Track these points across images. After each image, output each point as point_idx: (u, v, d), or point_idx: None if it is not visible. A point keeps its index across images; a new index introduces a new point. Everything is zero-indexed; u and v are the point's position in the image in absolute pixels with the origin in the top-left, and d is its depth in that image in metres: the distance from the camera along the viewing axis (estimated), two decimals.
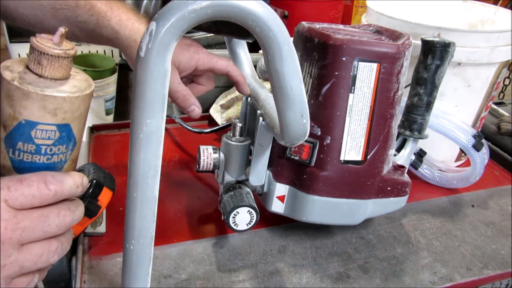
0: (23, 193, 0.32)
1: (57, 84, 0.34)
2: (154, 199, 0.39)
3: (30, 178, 0.33)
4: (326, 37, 0.51)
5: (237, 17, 0.34)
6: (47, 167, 0.35)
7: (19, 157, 0.34)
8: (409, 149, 0.64)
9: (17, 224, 0.32)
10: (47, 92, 0.33)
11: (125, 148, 0.78)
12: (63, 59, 0.34)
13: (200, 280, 0.53)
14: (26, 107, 0.33)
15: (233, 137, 0.56)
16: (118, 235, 0.58)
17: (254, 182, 0.57)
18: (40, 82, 0.33)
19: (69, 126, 0.35)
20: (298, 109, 0.41)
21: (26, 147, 0.34)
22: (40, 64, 0.33)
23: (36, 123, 0.33)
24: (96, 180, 0.47)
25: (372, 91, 0.52)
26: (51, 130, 0.34)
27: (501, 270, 0.58)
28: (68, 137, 0.36)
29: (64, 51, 0.33)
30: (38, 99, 0.33)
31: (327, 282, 0.54)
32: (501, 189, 0.77)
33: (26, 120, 0.33)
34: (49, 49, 0.33)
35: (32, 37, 0.34)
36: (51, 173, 0.34)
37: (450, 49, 0.58)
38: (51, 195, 0.33)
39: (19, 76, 0.33)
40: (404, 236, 0.63)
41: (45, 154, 0.35)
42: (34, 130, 0.34)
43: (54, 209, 0.34)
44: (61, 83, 0.34)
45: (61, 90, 0.34)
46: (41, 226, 0.33)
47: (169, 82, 0.37)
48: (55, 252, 0.35)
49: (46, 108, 0.33)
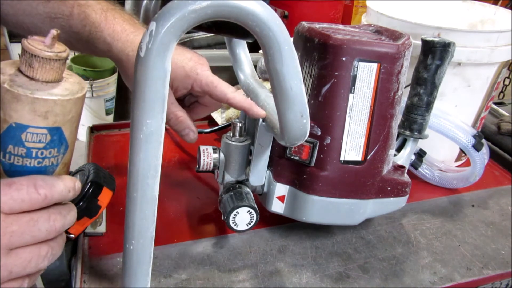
0: (12, 197, 0.32)
1: (49, 87, 0.33)
2: (154, 199, 0.39)
3: (20, 182, 0.32)
4: (326, 37, 0.51)
5: (237, 17, 0.34)
6: (38, 170, 0.35)
7: (9, 160, 0.34)
8: (409, 149, 0.65)
9: (5, 229, 0.31)
10: (37, 95, 0.32)
11: (125, 148, 0.78)
12: (54, 62, 0.33)
13: (200, 280, 0.53)
14: (16, 110, 0.32)
15: (233, 137, 0.56)
16: (118, 235, 0.58)
17: (254, 182, 0.57)
18: (31, 85, 0.33)
19: (60, 130, 0.35)
20: (298, 109, 0.41)
21: (17, 151, 0.34)
22: (31, 67, 0.33)
23: (27, 126, 0.33)
24: (96, 180, 0.47)
25: (372, 91, 0.52)
26: (42, 133, 0.34)
27: (501, 270, 0.58)
28: (59, 141, 0.35)
29: (55, 54, 0.33)
30: (28, 102, 0.32)
31: (327, 282, 0.54)
32: (501, 189, 0.77)
33: (16, 123, 0.33)
34: (40, 51, 0.32)
35: (23, 39, 0.33)
36: (42, 177, 0.34)
37: (450, 49, 0.58)
38: (40, 200, 0.33)
39: (9, 78, 0.33)
40: (404, 236, 0.63)
41: (36, 158, 0.34)
42: (25, 133, 0.33)
43: (44, 214, 0.34)
44: (52, 86, 0.34)
45: (52, 93, 0.33)
46: (30, 230, 0.33)
47: None
48: (45, 257, 0.34)
49: (36, 111, 0.33)
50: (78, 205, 0.45)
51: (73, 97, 0.34)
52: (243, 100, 0.51)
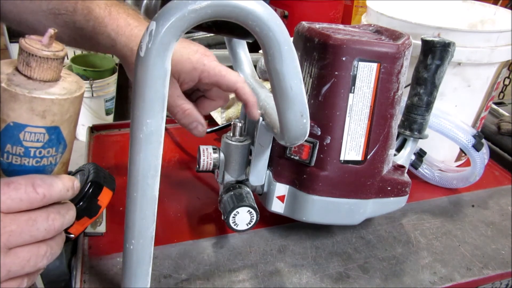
0: (10, 196, 0.32)
1: (46, 86, 0.33)
2: (154, 199, 0.39)
3: (18, 181, 0.32)
4: (326, 37, 0.51)
5: (237, 17, 0.34)
6: (37, 170, 0.35)
7: (7, 159, 0.34)
8: (409, 149, 0.65)
9: (4, 228, 0.31)
10: (35, 94, 0.32)
11: (125, 148, 0.78)
12: (52, 61, 0.33)
13: (200, 280, 0.53)
14: (14, 109, 0.32)
15: (233, 137, 0.56)
16: (118, 235, 0.57)
17: (254, 182, 0.57)
18: (29, 84, 0.33)
19: (58, 129, 0.35)
20: (298, 109, 0.41)
21: (15, 150, 0.34)
22: (28, 66, 0.33)
23: (25, 126, 0.33)
24: (96, 180, 0.47)
25: (372, 91, 0.52)
26: (40, 132, 0.34)
27: (501, 270, 0.58)
28: (57, 140, 0.35)
29: (53, 53, 0.33)
30: (26, 101, 0.32)
31: (327, 282, 0.54)
32: (501, 189, 0.77)
33: (14, 123, 0.33)
34: (37, 50, 0.32)
35: (21, 38, 0.33)
36: (40, 176, 0.34)
37: (450, 49, 0.58)
38: (39, 199, 0.33)
39: (7, 77, 0.33)
40: (404, 236, 0.63)
41: (34, 157, 0.34)
42: (23, 132, 0.33)
43: (43, 213, 0.34)
44: (50, 85, 0.34)
45: (50, 92, 0.33)
46: (29, 230, 0.33)
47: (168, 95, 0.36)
48: (44, 257, 0.34)
49: (34, 110, 0.33)
50: (78, 205, 0.45)
51: (71, 96, 0.34)
52: (250, 94, 0.50)
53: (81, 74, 2.08)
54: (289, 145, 0.52)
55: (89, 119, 2.09)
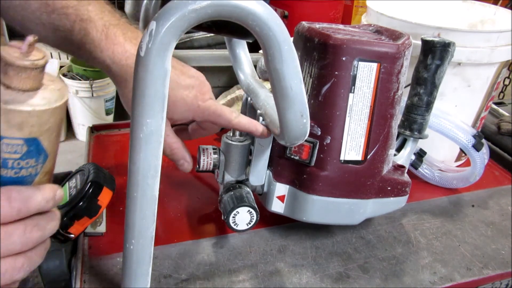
0: None
1: (25, 96, 0.32)
2: (154, 199, 0.39)
3: None
4: (326, 37, 0.51)
5: (237, 17, 0.34)
6: (15, 181, 0.34)
7: None
8: (409, 149, 0.65)
9: None
10: (10, 106, 0.31)
11: (125, 148, 0.78)
12: (31, 70, 0.31)
13: (200, 280, 0.53)
14: None
15: (233, 137, 0.56)
16: (118, 235, 0.57)
17: (254, 182, 0.57)
18: (6, 94, 0.31)
19: (37, 140, 0.33)
20: (298, 109, 0.41)
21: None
22: (6, 75, 0.31)
23: (1, 137, 0.31)
24: (96, 180, 0.47)
25: (372, 91, 0.52)
26: (18, 144, 0.32)
27: (501, 270, 0.58)
28: (37, 151, 0.34)
29: (31, 62, 0.31)
30: (2, 113, 0.31)
31: (327, 282, 0.54)
32: (501, 189, 0.77)
33: None
34: (15, 59, 0.30)
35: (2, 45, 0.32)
36: (18, 188, 0.33)
37: (450, 49, 0.58)
38: (14, 213, 0.32)
39: None
40: (404, 236, 0.63)
41: (13, 168, 0.33)
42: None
43: (20, 226, 0.33)
44: (29, 95, 0.32)
45: (28, 103, 0.32)
46: (4, 244, 0.32)
47: None
48: (21, 269, 0.33)
49: (10, 122, 0.31)
50: (78, 205, 0.45)
51: (50, 107, 0.33)
52: (248, 122, 0.52)
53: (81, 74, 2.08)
54: (289, 145, 0.52)
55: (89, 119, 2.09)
